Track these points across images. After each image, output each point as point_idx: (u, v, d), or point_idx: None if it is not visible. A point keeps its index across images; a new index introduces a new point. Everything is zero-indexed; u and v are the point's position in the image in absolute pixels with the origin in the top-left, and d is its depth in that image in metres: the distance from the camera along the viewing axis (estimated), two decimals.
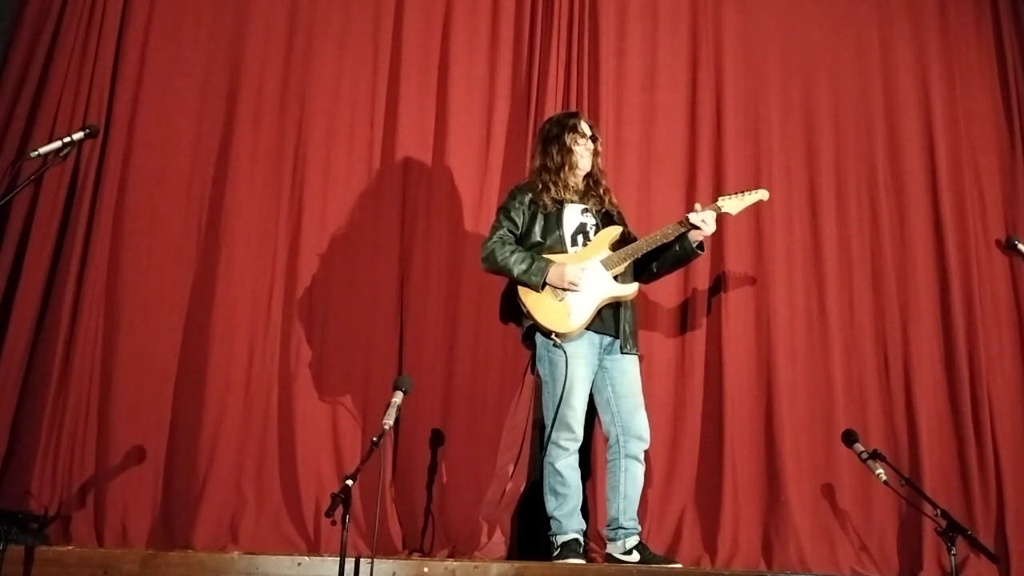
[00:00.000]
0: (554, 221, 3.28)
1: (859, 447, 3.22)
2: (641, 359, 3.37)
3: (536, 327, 3.19)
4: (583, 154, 3.35)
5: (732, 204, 3.28)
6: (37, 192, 3.61)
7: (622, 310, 3.24)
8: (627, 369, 3.22)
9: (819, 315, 3.97)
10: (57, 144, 2.87)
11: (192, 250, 3.73)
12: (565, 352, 3.10)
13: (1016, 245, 4.13)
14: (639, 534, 3.20)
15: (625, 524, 3.16)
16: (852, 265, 4.05)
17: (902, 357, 3.95)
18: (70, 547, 3.12)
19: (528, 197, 3.32)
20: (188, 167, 3.82)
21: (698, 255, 3.34)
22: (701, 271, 3.90)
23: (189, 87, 3.89)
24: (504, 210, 3.33)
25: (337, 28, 4.05)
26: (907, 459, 3.79)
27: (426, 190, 3.93)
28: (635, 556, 3.13)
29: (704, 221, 3.20)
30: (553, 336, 3.12)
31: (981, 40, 4.51)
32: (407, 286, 3.82)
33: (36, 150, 2.83)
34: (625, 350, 3.23)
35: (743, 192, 3.35)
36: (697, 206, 3.29)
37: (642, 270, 3.37)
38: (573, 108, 3.98)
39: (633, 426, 3.18)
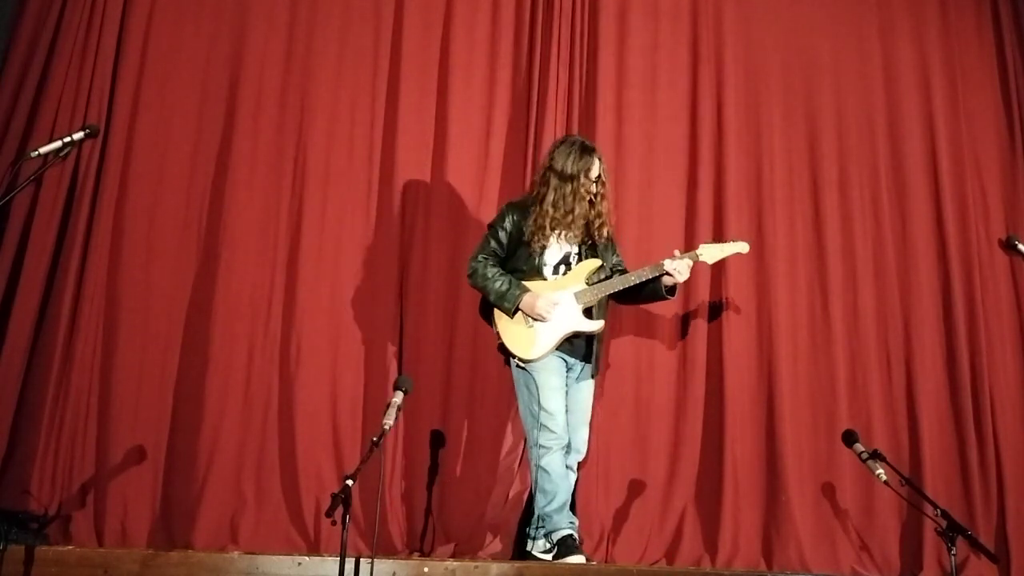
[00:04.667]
0: (539, 252, 3.30)
1: (859, 447, 3.22)
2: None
3: (503, 347, 3.28)
4: (593, 202, 3.33)
5: (710, 253, 3.40)
6: (37, 192, 3.61)
7: (595, 340, 3.33)
8: (583, 389, 3.36)
9: (821, 314, 3.97)
10: (57, 144, 2.87)
11: (192, 250, 3.73)
12: (531, 370, 3.23)
13: (1016, 245, 4.12)
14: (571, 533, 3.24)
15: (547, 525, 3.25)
16: (854, 265, 4.05)
17: (904, 357, 3.95)
18: (70, 547, 3.12)
19: (519, 219, 3.33)
20: (188, 167, 3.82)
21: (666, 299, 3.39)
22: (703, 270, 3.89)
23: (189, 87, 3.89)
24: (493, 229, 3.37)
25: (337, 28, 4.05)
26: (908, 459, 3.79)
27: (426, 190, 3.93)
28: (552, 552, 3.22)
29: (677, 269, 3.28)
30: (516, 359, 3.25)
31: (982, 40, 4.51)
32: (407, 286, 3.82)
33: (36, 150, 2.84)
34: (589, 375, 3.35)
35: (723, 242, 3.47)
36: (676, 252, 3.33)
37: (616, 298, 3.41)
38: (574, 109, 4.01)
39: (575, 440, 3.29)
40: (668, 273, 3.28)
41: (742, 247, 3.45)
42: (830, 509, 3.70)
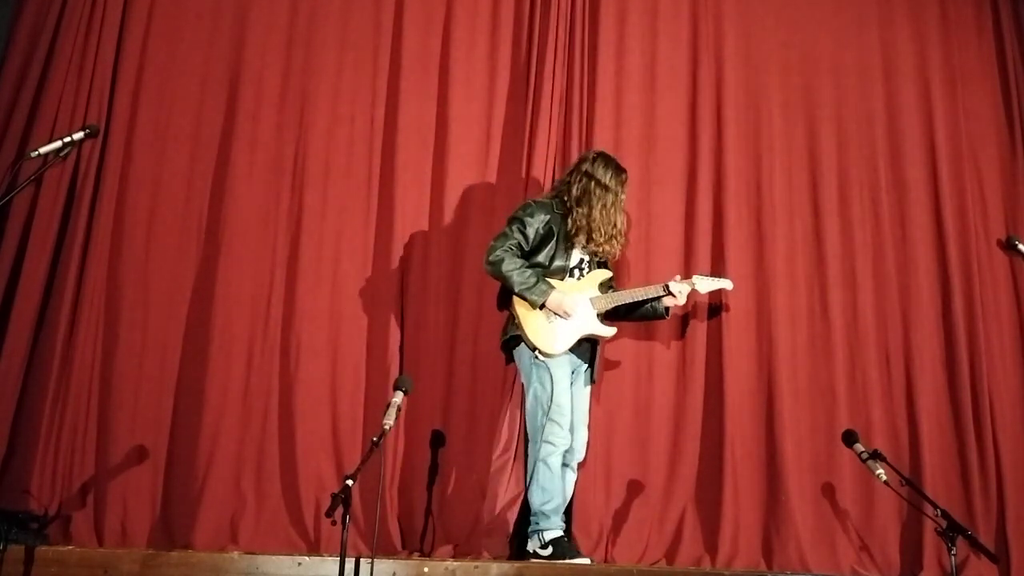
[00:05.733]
0: (564, 254, 3.41)
1: (859, 447, 3.22)
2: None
3: (523, 338, 3.30)
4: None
5: (704, 284, 3.57)
6: (37, 192, 3.61)
7: (598, 346, 3.46)
8: (583, 392, 3.46)
9: (820, 315, 3.97)
10: (57, 144, 2.87)
11: (192, 250, 3.73)
12: (548, 364, 3.28)
13: (1016, 245, 4.12)
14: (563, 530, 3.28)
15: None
16: (853, 265, 4.04)
17: (903, 357, 3.95)
18: (70, 547, 3.12)
19: (547, 218, 3.39)
20: (188, 167, 3.82)
21: (663, 318, 3.59)
22: (703, 270, 3.88)
23: (189, 87, 3.89)
24: (520, 223, 3.39)
25: (337, 28, 4.05)
26: (908, 459, 3.79)
27: (426, 190, 3.93)
28: (548, 550, 3.23)
29: (680, 292, 3.46)
30: (537, 352, 3.28)
31: (982, 40, 4.50)
32: (407, 286, 3.82)
33: (36, 150, 2.84)
34: (589, 380, 3.45)
35: (713, 276, 3.63)
36: (677, 277, 3.51)
37: (614, 312, 3.48)
38: (573, 109, 4.01)
39: (575, 440, 3.36)
40: (671, 294, 3.44)
41: (727, 284, 3.64)
42: (830, 509, 3.69)
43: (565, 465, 3.32)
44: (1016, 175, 4.31)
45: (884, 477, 3.07)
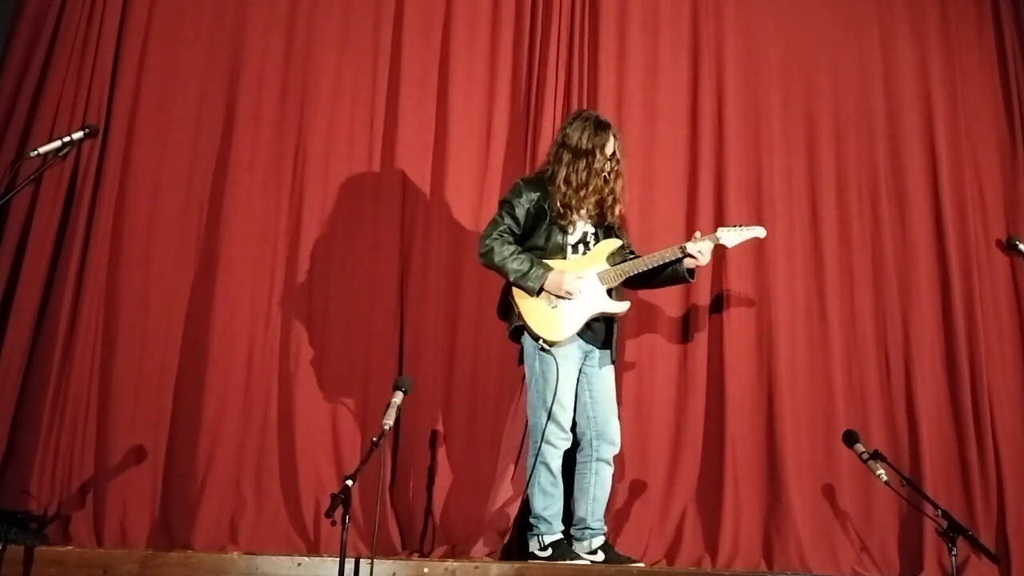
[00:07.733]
0: (560, 231, 3.20)
1: (860, 447, 3.21)
2: (625, 364, 3.43)
3: (526, 329, 3.16)
4: (608, 179, 3.23)
5: (730, 237, 3.32)
6: (37, 192, 3.61)
7: (614, 324, 3.26)
8: (606, 376, 3.25)
9: (820, 315, 3.97)
10: (57, 144, 2.86)
11: (192, 250, 3.73)
12: (554, 356, 3.10)
13: (1017, 245, 4.12)
14: (604, 534, 3.22)
15: (592, 524, 3.20)
16: (853, 265, 4.04)
17: (903, 358, 3.95)
18: (70, 547, 3.12)
19: (536, 195, 3.21)
20: (188, 167, 3.81)
21: (688, 281, 3.37)
22: (703, 272, 3.84)
23: (189, 87, 3.89)
24: (509, 205, 3.21)
25: (337, 28, 4.04)
26: (908, 459, 3.79)
27: (426, 190, 3.92)
28: (600, 556, 3.16)
29: (700, 252, 3.23)
30: (541, 342, 3.11)
31: (982, 40, 4.50)
32: (407, 286, 3.82)
33: (36, 150, 2.83)
34: (609, 360, 3.25)
35: (742, 226, 3.40)
36: (697, 234, 3.30)
37: (632, 281, 3.32)
38: (574, 107, 3.98)
39: (608, 431, 3.21)
40: (691, 255, 3.23)
41: (760, 232, 3.39)
42: (830, 510, 3.69)
43: (600, 459, 3.17)
44: (1016, 175, 4.31)
45: (885, 477, 3.07)
